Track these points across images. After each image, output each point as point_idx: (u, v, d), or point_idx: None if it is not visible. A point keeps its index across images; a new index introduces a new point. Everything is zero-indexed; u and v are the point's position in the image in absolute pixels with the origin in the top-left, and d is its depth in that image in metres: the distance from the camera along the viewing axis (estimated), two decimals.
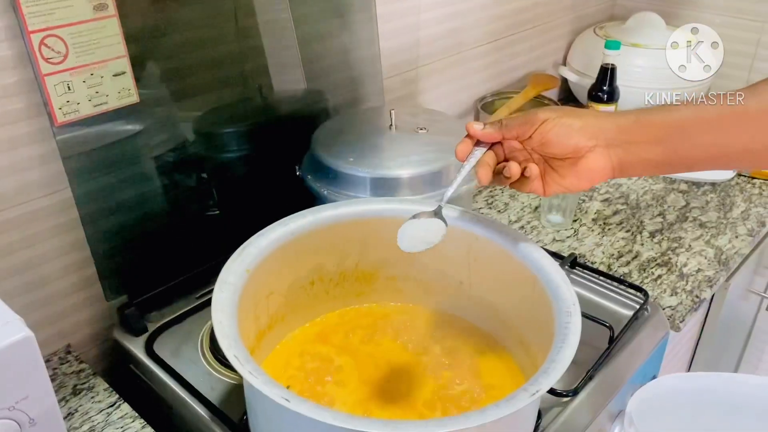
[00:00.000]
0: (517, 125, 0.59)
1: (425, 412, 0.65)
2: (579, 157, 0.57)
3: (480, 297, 0.73)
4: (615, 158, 0.57)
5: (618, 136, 0.57)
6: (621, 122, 0.57)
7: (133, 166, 0.79)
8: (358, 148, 0.85)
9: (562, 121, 0.57)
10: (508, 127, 0.59)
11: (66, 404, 0.73)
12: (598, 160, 0.57)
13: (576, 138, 0.57)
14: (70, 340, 0.82)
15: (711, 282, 0.96)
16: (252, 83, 0.90)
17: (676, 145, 0.56)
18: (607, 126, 0.57)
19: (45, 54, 0.67)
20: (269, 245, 0.66)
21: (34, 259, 0.76)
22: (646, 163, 0.58)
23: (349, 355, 0.71)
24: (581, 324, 0.57)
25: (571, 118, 0.57)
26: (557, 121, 0.57)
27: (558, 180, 0.59)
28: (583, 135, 0.57)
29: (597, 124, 0.57)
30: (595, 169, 0.57)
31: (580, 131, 0.57)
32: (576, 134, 0.57)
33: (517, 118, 0.59)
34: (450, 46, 1.20)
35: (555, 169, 0.59)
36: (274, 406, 0.50)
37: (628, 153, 0.57)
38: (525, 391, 0.50)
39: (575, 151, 0.57)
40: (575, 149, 0.57)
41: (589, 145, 0.57)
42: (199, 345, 0.79)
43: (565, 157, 0.58)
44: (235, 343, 0.54)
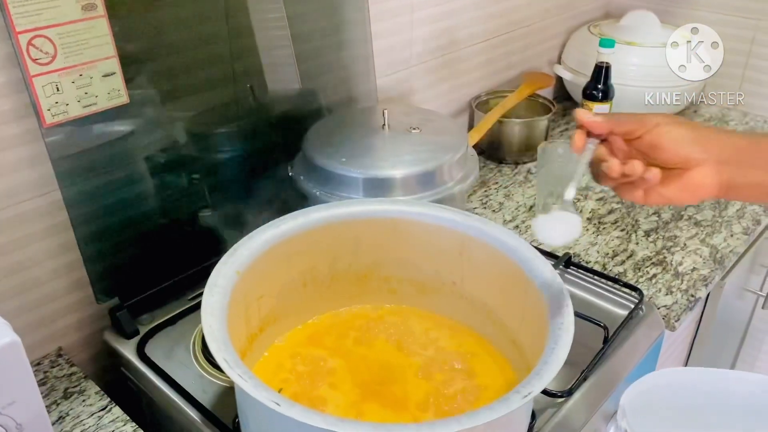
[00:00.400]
0: (629, 121, 0.56)
1: (418, 414, 0.65)
2: (687, 168, 0.55)
3: (473, 298, 0.73)
4: (725, 177, 0.55)
5: (733, 155, 0.54)
6: (738, 141, 0.55)
7: (123, 167, 0.79)
8: (350, 148, 0.84)
9: (677, 128, 0.55)
10: (619, 121, 0.57)
11: (57, 408, 0.73)
12: (707, 175, 0.55)
13: (689, 148, 0.54)
14: (61, 343, 0.82)
15: (706, 281, 0.95)
16: (244, 83, 0.90)
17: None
18: (724, 142, 0.55)
19: (33, 55, 0.66)
20: (260, 247, 0.66)
21: (23, 261, 0.75)
22: (756, 188, 0.55)
23: (342, 357, 0.71)
24: (575, 324, 0.57)
25: (686, 128, 0.55)
26: (672, 127, 0.55)
27: (660, 189, 0.56)
28: (697, 146, 0.54)
29: (713, 138, 0.55)
30: (702, 185, 0.55)
31: (694, 142, 0.54)
32: (689, 144, 0.54)
33: (630, 115, 0.57)
34: (443, 45, 1.19)
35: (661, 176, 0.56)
36: (265, 410, 0.49)
37: (740, 174, 0.55)
38: (517, 393, 0.50)
39: (685, 162, 0.55)
40: (686, 159, 0.54)
41: (701, 158, 0.54)
42: (191, 348, 0.79)
43: (673, 167, 0.55)
44: (225, 347, 0.54)
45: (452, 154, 0.84)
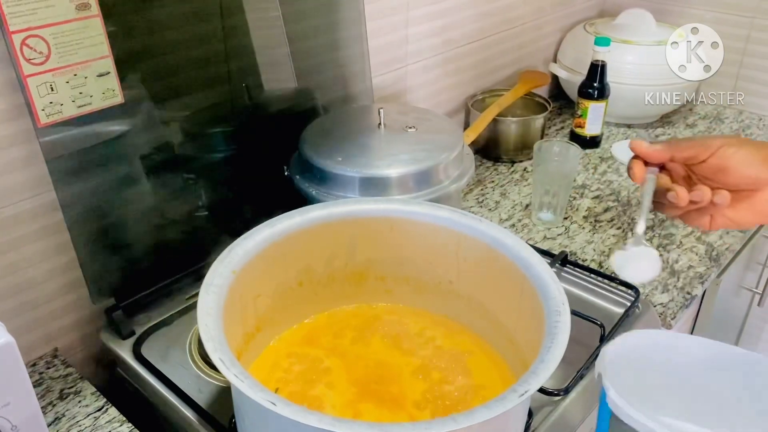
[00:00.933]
0: (690, 146, 0.55)
1: (415, 413, 0.64)
2: (756, 190, 0.54)
3: (469, 296, 0.73)
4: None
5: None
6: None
7: (118, 167, 0.78)
8: (346, 147, 0.84)
9: (743, 149, 0.53)
10: (678, 147, 0.55)
11: (53, 409, 0.72)
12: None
13: (757, 168, 0.53)
14: (57, 343, 0.81)
15: (702, 278, 0.96)
16: (239, 82, 0.90)
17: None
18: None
19: (27, 54, 0.66)
20: (256, 246, 0.65)
21: (18, 262, 0.75)
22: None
23: (338, 356, 0.71)
24: (571, 322, 0.57)
25: (752, 148, 0.53)
26: (738, 148, 0.53)
27: (729, 213, 0.55)
28: (766, 166, 0.53)
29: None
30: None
31: (762, 162, 0.53)
32: (758, 165, 0.53)
33: (690, 140, 0.55)
34: (439, 44, 1.19)
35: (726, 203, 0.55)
36: (261, 410, 0.49)
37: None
38: (514, 392, 0.50)
39: (755, 183, 0.53)
40: (755, 181, 0.53)
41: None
42: (187, 348, 0.78)
43: (740, 189, 0.54)
44: (220, 346, 0.53)
45: (448, 152, 0.84)
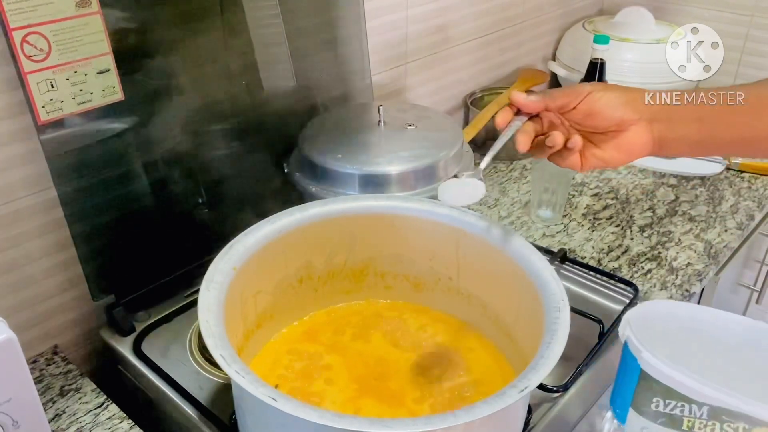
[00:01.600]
0: (563, 95, 0.59)
1: (415, 409, 0.65)
2: (622, 130, 0.58)
3: (469, 293, 0.73)
4: (657, 133, 0.58)
5: (661, 112, 0.58)
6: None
7: (118, 164, 0.78)
8: (346, 144, 0.84)
9: (608, 93, 0.58)
10: (552, 96, 0.60)
11: (53, 405, 0.73)
12: (640, 134, 0.58)
13: (622, 110, 0.58)
14: (57, 340, 0.81)
15: (701, 276, 0.96)
16: (239, 80, 0.90)
17: (713, 123, 0.57)
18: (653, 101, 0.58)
19: (27, 51, 0.66)
20: (256, 243, 0.66)
21: (19, 259, 0.75)
22: (684, 141, 0.59)
23: (339, 353, 0.71)
24: (571, 319, 0.57)
25: (616, 92, 0.58)
26: (604, 93, 0.58)
27: (598, 153, 0.60)
28: (629, 108, 0.58)
29: (642, 98, 0.58)
30: (637, 143, 0.58)
31: (626, 104, 0.58)
32: (622, 107, 0.58)
33: (562, 89, 0.60)
34: (438, 42, 1.19)
35: (595, 143, 0.60)
36: (262, 406, 0.49)
37: (669, 129, 0.58)
38: (514, 388, 0.50)
39: (619, 124, 0.58)
40: (620, 122, 0.58)
41: (634, 118, 0.58)
42: (187, 344, 0.79)
43: (608, 130, 0.59)
44: (221, 343, 0.54)
45: (448, 150, 0.84)
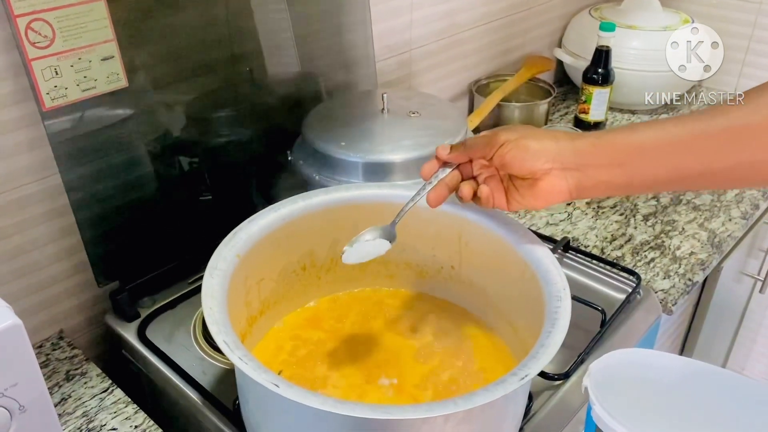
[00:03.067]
0: (480, 147, 0.61)
1: (417, 396, 0.65)
2: (536, 179, 0.58)
3: (471, 281, 0.73)
4: (572, 181, 0.58)
5: (574, 160, 0.57)
6: (579, 145, 0.57)
7: (123, 151, 0.79)
8: (349, 132, 0.84)
9: (520, 143, 0.58)
10: (472, 148, 0.62)
11: (59, 390, 0.73)
12: (554, 183, 0.58)
13: (531, 161, 0.58)
14: (63, 326, 0.82)
15: (704, 265, 0.96)
16: (243, 66, 0.90)
17: (635, 167, 0.56)
18: (564, 149, 0.57)
19: (31, 38, 0.66)
20: (260, 231, 0.66)
21: (24, 245, 0.76)
22: (605, 185, 0.58)
23: (341, 340, 0.71)
24: (573, 308, 0.57)
25: (529, 140, 0.58)
26: (515, 143, 0.58)
27: (518, 198, 0.61)
28: (540, 158, 0.57)
29: (554, 147, 0.58)
30: (552, 192, 0.58)
31: (536, 154, 0.57)
32: (532, 158, 0.58)
33: (481, 139, 0.61)
34: (444, 28, 1.19)
35: (516, 187, 0.61)
36: (264, 392, 0.50)
37: (585, 176, 0.57)
38: (514, 376, 0.50)
39: (532, 174, 0.58)
40: (531, 171, 0.58)
41: (545, 168, 0.58)
42: (191, 330, 0.79)
43: (524, 178, 0.59)
44: (225, 329, 0.54)
45: (452, 138, 0.84)
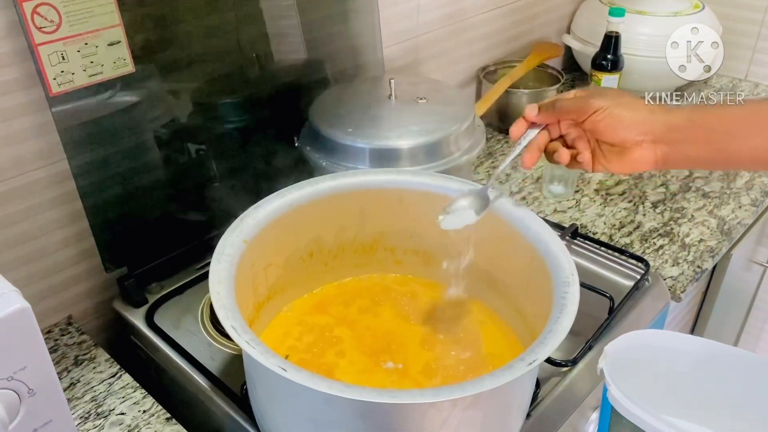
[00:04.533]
0: (572, 110, 0.61)
1: (424, 382, 0.65)
2: (626, 147, 0.59)
3: (479, 268, 0.73)
4: (660, 153, 0.59)
5: (667, 135, 0.58)
6: (673, 120, 0.58)
7: (130, 137, 0.79)
8: (356, 118, 0.84)
9: (613, 112, 0.58)
10: (562, 110, 0.61)
11: (68, 375, 0.74)
12: (643, 153, 0.59)
13: (625, 132, 0.58)
14: (71, 311, 0.83)
15: (713, 252, 0.95)
16: (251, 52, 0.89)
17: (724, 145, 0.57)
18: (659, 123, 0.58)
19: (38, 23, 0.66)
20: (267, 217, 0.66)
21: (32, 231, 0.76)
22: (691, 159, 0.60)
23: (348, 325, 0.71)
24: (580, 294, 0.57)
25: (623, 110, 0.58)
26: (609, 111, 0.58)
27: (604, 162, 0.62)
28: (633, 130, 0.58)
29: (648, 120, 0.58)
30: (639, 161, 0.59)
31: (629, 126, 0.58)
32: (625, 129, 0.58)
33: (573, 102, 0.61)
34: (451, 14, 1.18)
35: (603, 152, 0.61)
36: (272, 376, 0.50)
37: (674, 150, 0.58)
38: (522, 361, 0.50)
39: (622, 143, 0.59)
40: (622, 141, 0.59)
41: (637, 140, 0.58)
42: (199, 316, 0.79)
43: (614, 144, 0.60)
44: (232, 314, 0.54)
45: (459, 124, 0.83)
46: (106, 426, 0.68)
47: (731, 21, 1.42)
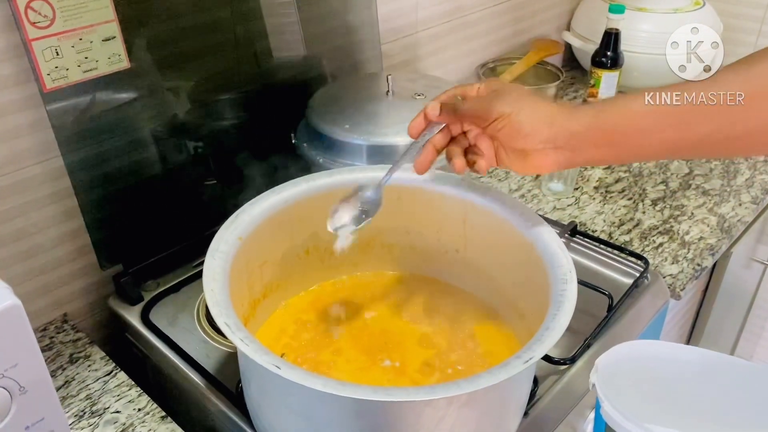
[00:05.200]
0: (474, 115, 0.59)
1: (421, 380, 0.65)
2: (527, 152, 0.58)
3: (476, 265, 0.72)
4: (563, 158, 0.57)
5: (569, 141, 0.56)
6: (574, 128, 0.56)
7: (125, 133, 0.78)
8: (354, 114, 0.83)
9: (514, 120, 0.57)
10: (464, 114, 0.60)
11: (63, 373, 0.73)
12: (545, 159, 0.58)
13: (525, 141, 0.57)
14: (67, 309, 0.82)
15: (713, 250, 0.95)
16: (248, 49, 0.89)
17: (629, 145, 0.56)
18: (559, 131, 0.56)
19: (32, 18, 0.66)
20: (262, 213, 0.65)
21: (26, 228, 0.75)
22: (595, 161, 0.60)
23: (345, 323, 0.71)
24: (579, 292, 0.57)
25: (524, 118, 0.57)
26: (510, 119, 0.57)
27: (507, 162, 0.60)
28: (534, 139, 0.57)
29: (549, 128, 0.56)
30: (541, 165, 0.58)
31: (530, 135, 0.57)
32: (525, 138, 0.57)
33: (475, 106, 0.59)
34: (450, 10, 1.17)
35: (506, 152, 0.60)
36: (266, 374, 0.49)
37: (577, 155, 0.57)
38: (518, 359, 0.50)
39: (522, 150, 0.58)
40: (523, 149, 0.58)
41: (539, 147, 0.57)
42: (195, 314, 0.79)
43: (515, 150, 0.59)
44: (226, 311, 0.54)
45: None
46: (101, 424, 0.67)
47: (732, 18, 1.41)
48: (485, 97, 0.59)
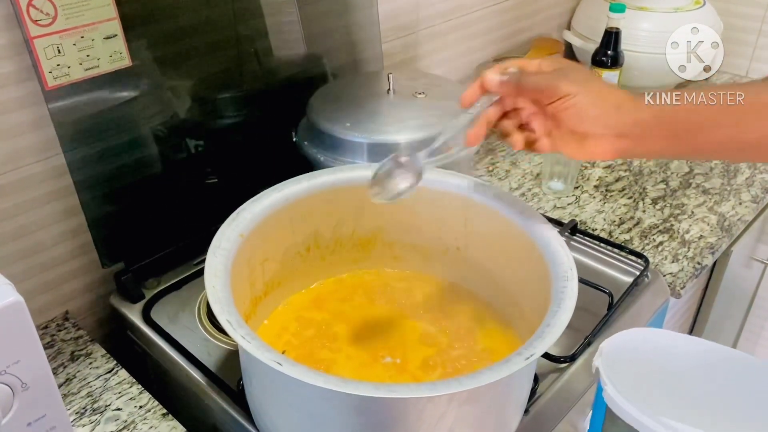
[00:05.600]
0: (537, 90, 0.56)
1: (422, 377, 0.65)
2: (586, 137, 0.55)
3: (477, 263, 0.72)
4: (622, 146, 0.55)
5: (632, 130, 0.55)
6: (640, 116, 0.54)
7: (127, 131, 0.78)
8: (355, 113, 0.83)
9: (580, 102, 0.54)
10: (526, 88, 0.57)
11: (64, 370, 0.73)
12: (604, 145, 0.55)
13: (588, 125, 0.55)
14: (68, 306, 0.82)
15: (713, 249, 0.95)
16: (248, 47, 0.89)
17: (691, 140, 0.55)
18: (625, 120, 0.54)
19: (33, 16, 0.66)
20: (263, 210, 0.65)
21: (28, 225, 0.75)
22: (653, 153, 0.58)
23: (346, 321, 0.71)
24: (580, 290, 0.57)
25: (590, 101, 0.54)
26: (575, 100, 0.54)
27: (560, 144, 0.57)
28: (597, 124, 0.54)
29: (615, 115, 0.54)
30: (598, 152, 0.56)
31: (594, 120, 0.54)
32: (589, 121, 0.54)
33: (540, 81, 0.56)
34: (451, 9, 1.17)
35: (562, 134, 0.57)
36: (267, 371, 0.49)
37: (638, 144, 0.55)
38: (519, 356, 0.50)
39: (583, 134, 0.55)
40: (584, 132, 0.55)
41: (599, 133, 0.55)
42: (196, 312, 0.79)
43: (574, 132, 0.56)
44: (228, 308, 0.54)
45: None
46: (102, 421, 0.67)
47: (732, 17, 1.41)
48: (550, 74, 0.56)
